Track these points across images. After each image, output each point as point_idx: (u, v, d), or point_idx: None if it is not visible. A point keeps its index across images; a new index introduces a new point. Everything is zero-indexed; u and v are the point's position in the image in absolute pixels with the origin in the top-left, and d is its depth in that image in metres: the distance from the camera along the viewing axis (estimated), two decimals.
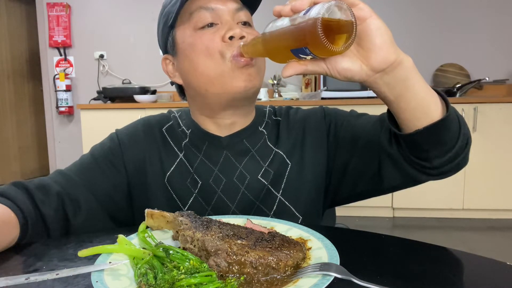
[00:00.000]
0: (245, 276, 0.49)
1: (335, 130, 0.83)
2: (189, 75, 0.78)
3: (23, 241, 0.67)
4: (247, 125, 0.83)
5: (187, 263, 0.49)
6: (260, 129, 0.85)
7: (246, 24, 0.78)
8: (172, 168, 0.82)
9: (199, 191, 0.80)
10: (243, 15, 0.78)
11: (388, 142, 0.71)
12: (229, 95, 0.75)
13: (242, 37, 0.73)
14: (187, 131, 0.84)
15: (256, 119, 0.85)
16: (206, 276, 0.47)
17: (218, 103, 0.78)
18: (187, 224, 0.57)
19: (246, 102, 0.80)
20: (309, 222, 0.74)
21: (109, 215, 0.81)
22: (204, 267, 0.49)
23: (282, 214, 0.79)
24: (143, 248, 0.55)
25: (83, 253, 0.54)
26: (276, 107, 0.92)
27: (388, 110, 0.67)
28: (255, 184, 0.80)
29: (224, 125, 0.81)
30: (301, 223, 0.65)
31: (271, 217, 0.78)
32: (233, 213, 0.79)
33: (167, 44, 0.81)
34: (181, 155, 0.82)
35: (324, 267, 0.48)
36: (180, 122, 0.86)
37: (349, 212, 3.17)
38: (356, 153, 0.78)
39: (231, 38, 0.73)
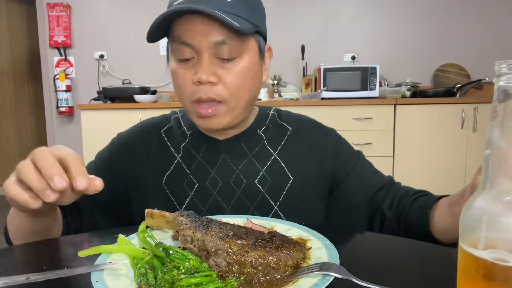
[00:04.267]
0: (245, 276, 0.49)
1: (342, 164, 0.84)
2: (175, 91, 0.79)
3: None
4: (245, 129, 0.83)
5: (187, 263, 0.49)
6: (259, 132, 0.84)
7: (226, 60, 0.71)
8: (169, 171, 0.82)
9: (195, 193, 0.80)
10: (225, 50, 0.69)
11: (388, 208, 0.78)
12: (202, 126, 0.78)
13: (210, 82, 0.70)
14: (187, 132, 0.84)
15: (255, 122, 0.85)
16: (206, 276, 0.47)
17: None
18: (187, 224, 0.57)
19: (226, 130, 0.80)
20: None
21: (109, 217, 0.82)
22: (204, 267, 0.49)
23: None
24: (143, 248, 0.55)
25: (83, 253, 0.54)
26: (282, 111, 0.90)
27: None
28: (251, 188, 0.79)
29: (218, 132, 0.81)
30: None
31: None
32: None
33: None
34: (178, 157, 0.82)
35: (324, 267, 0.48)
36: (182, 123, 0.87)
37: None
38: (350, 201, 0.83)
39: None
